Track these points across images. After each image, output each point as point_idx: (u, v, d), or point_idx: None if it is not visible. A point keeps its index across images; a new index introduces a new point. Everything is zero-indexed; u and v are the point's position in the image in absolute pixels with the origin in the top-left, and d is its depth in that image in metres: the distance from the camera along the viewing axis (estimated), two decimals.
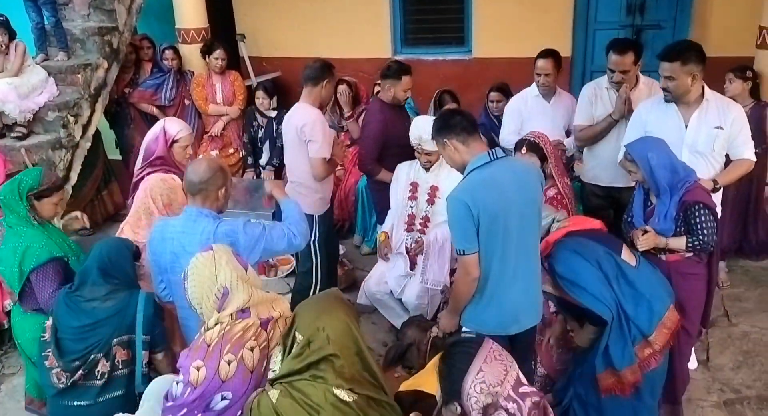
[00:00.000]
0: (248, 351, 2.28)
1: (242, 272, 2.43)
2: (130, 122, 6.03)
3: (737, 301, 4.55)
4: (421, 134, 3.88)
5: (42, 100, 4.99)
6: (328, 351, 2.09)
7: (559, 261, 3.01)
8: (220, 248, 2.49)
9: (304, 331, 2.13)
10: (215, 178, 2.84)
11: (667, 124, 3.53)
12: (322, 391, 2.06)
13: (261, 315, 2.39)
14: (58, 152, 5.00)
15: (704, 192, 3.25)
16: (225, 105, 5.99)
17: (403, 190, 4.20)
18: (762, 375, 3.84)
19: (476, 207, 2.70)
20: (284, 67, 7.03)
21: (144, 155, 3.54)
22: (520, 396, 1.82)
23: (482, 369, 1.85)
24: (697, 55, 3.40)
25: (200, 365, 2.25)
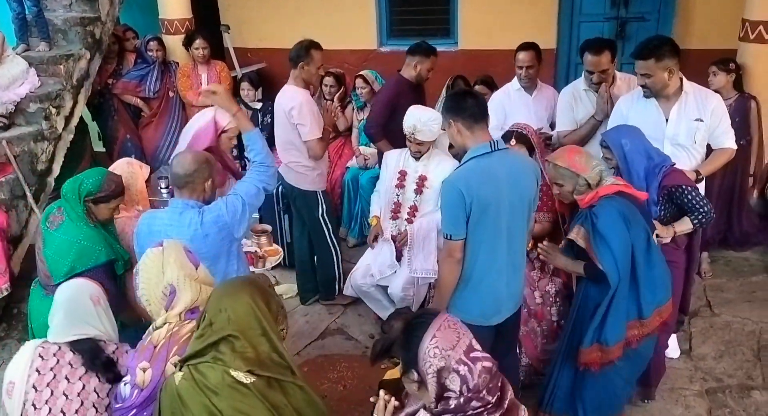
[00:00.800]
0: None
1: (191, 271, 2.40)
2: (113, 114, 5.98)
3: (719, 291, 4.61)
4: (416, 124, 3.89)
5: (23, 92, 4.92)
6: (227, 331, 2.02)
7: (601, 215, 2.97)
8: (171, 244, 2.46)
9: (209, 312, 2.08)
10: (201, 170, 2.84)
11: (647, 118, 3.54)
12: (220, 373, 2.00)
13: None
14: (40, 144, 4.94)
15: (682, 174, 3.32)
16: None
17: (391, 177, 4.21)
18: (743, 364, 3.90)
19: (470, 196, 2.72)
20: (269, 59, 6.99)
21: (192, 143, 3.49)
22: (471, 359, 1.88)
23: (435, 335, 1.91)
24: (671, 49, 3.41)
25: (146, 366, 2.21)
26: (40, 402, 2.32)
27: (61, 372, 2.36)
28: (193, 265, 2.43)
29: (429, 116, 3.91)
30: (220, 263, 2.88)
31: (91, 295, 2.55)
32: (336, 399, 3.72)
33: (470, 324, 2.93)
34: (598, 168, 3.04)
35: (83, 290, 2.56)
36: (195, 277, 2.39)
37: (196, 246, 2.76)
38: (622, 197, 3.00)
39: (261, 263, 3.64)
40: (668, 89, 3.49)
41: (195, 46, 5.81)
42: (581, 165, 3.03)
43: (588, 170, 3.02)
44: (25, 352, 2.40)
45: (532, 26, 6.23)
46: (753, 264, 4.98)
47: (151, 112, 5.97)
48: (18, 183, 4.76)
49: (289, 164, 4.33)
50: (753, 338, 4.13)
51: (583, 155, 3.08)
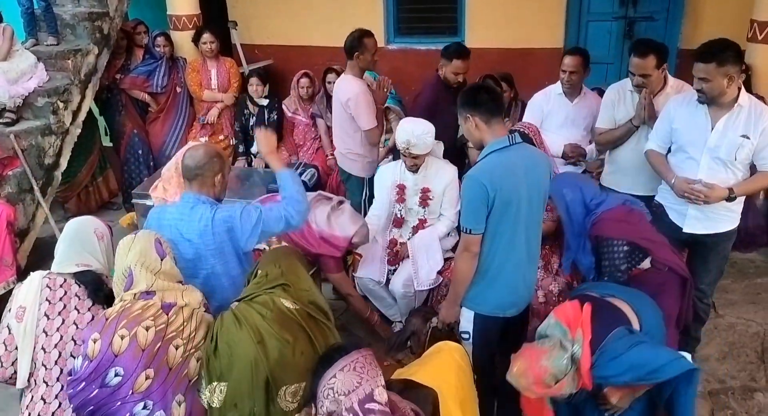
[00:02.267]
0: (143, 329, 2.31)
1: (150, 262, 2.48)
2: (121, 109, 5.99)
3: (724, 293, 4.59)
4: (409, 138, 3.86)
5: (31, 86, 4.96)
6: (280, 281, 2.52)
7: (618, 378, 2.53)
8: (145, 234, 2.60)
9: (264, 267, 2.59)
10: (212, 164, 2.86)
11: (693, 124, 3.36)
12: (270, 300, 2.47)
13: (165, 300, 2.43)
14: (47, 138, 4.97)
15: (612, 223, 3.15)
16: (220, 92, 5.96)
17: (389, 192, 4.17)
18: (747, 366, 3.89)
19: (493, 189, 2.75)
20: (276, 56, 6.99)
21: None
22: (363, 410, 1.79)
23: (336, 376, 1.85)
24: (735, 55, 3.18)
25: (97, 338, 2.31)
26: (51, 330, 2.52)
27: (71, 302, 2.57)
28: (159, 257, 2.52)
29: (422, 129, 3.87)
30: (229, 263, 2.88)
31: (95, 229, 2.77)
32: None
33: (485, 316, 2.99)
34: (566, 359, 2.50)
35: (89, 224, 2.81)
36: (153, 269, 2.48)
37: (204, 241, 2.81)
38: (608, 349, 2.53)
39: None
40: (724, 98, 3.25)
41: (203, 40, 5.82)
42: (553, 385, 2.50)
43: (559, 387, 2.50)
44: (33, 280, 2.59)
45: (539, 25, 6.22)
46: (758, 266, 4.95)
47: (158, 107, 5.98)
48: (25, 177, 4.80)
49: (343, 151, 4.61)
50: (757, 340, 4.12)
51: (547, 371, 2.49)
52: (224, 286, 2.88)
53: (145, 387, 2.28)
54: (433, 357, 2.78)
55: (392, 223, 4.24)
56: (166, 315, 2.40)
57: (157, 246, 2.53)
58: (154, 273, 2.47)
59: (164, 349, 2.34)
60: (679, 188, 3.37)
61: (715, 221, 3.46)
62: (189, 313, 2.46)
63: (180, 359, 2.38)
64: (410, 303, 4.12)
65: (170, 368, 2.35)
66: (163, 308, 2.40)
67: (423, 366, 2.66)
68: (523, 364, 2.52)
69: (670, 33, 6.06)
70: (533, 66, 6.07)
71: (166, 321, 2.38)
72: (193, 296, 2.53)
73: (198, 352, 2.44)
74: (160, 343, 2.34)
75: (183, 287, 2.53)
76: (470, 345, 3.08)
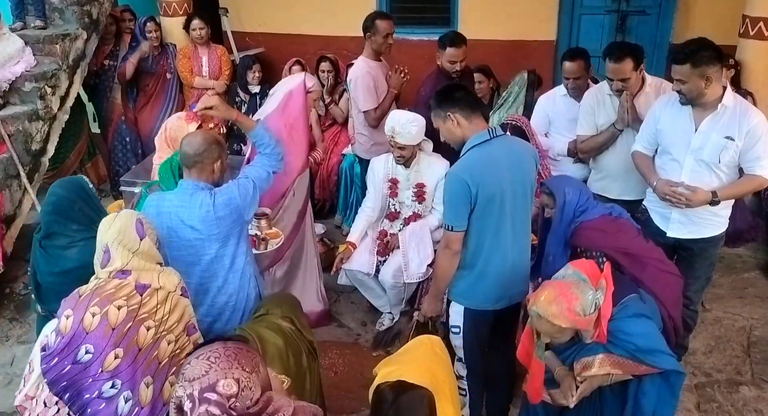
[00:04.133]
0: (114, 308, 2.30)
1: (128, 241, 2.45)
2: (108, 95, 5.92)
3: (711, 287, 4.59)
4: (395, 126, 3.85)
5: (18, 70, 4.88)
6: (279, 316, 2.80)
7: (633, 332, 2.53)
8: (127, 213, 2.59)
9: (265, 307, 2.85)
10: (210, 150, 2.85)
11: (676, 126, 3.29)
12: (274, 321, 2.75)
13: (141, 280, 2.41)
14: (35, 124, 4.90)
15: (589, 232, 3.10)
16: (211, 79, 5.91)
17: (381, 185, 4.17)
18: (732, 360, 3.92)
19: (475, 186, 2.74)
20: (267, 43, 6.94)
21: (284, 104, 3.81)
22: (200, 398, 1.77)
23: (190, 363, 1.85)
24: (711, 55, 3.07)
25: (69, 314, 2.30)
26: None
27: None
28: (138, 236, 2.48)
29: (407, 118, 3.85)
30: (229, 244, 2.92)
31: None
32: (327, 386, 3.70)
33: (474, 310, 3.00)
34: (595, 302, 2.46)
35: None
36: (131, 248, 2.45)
37: (207, 228, 2.82)
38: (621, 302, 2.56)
39: (263, 246, 3.66)
40: (704, 98, 3.15)
41: (193, 27, 5.77)
42: (586, 319, 2.45)
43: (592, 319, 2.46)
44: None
45: (532, 18, 6.21)
46: (746, 261, 4.99)
47: (147, 93, 5.92)
48: (12, 162, 4.73)
49: (353, 132, 4.79)
50: (743, 334, 4.16)
51: (580, 298, 2.45)
52: (226, 267, 2.95)
53: (114, 366, 2.28)
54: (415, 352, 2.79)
55: (386, 216, 4.23)
56: (140, 295, 2.38)
57: (137, 226, 2.49)
58: (132, 252, 2.44)
59: (135, 329, 2.33)
60: (661, 191, 3.30)
61: (700, 225, 3.39)
62: (164, 296, 2.44)
63: (150, 340, 2.37)
64: (399, 294, 4.13)
65: (140, 348, 2.34)
66: (137, 289, 2.39)
67: (409, 363, 2.66)
68: (552, 292, 2.46)
69: (662, 27, 6.08)
70: (526, 58, 6.06)
71: (139, 302, 2.37)
72: (170, 279, 2.50)
73: (170, 335, 2.43)
74: (131, 323, 2.32)
75: (161, 269, 2.51)
76: (460, 339, 3.09)
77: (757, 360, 3.91)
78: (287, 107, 3.82)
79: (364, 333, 4.30)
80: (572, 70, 4.11)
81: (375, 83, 4.47)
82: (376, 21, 4.43)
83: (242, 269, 2.99)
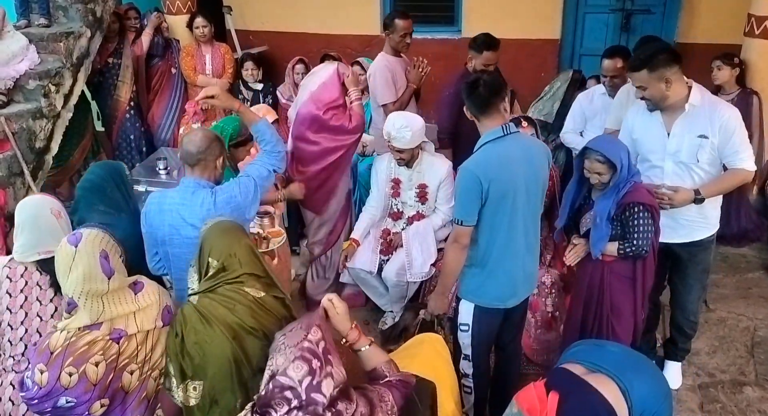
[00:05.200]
0: (92, 366, 2.17)
1: (96, 287, 2.20)
2: (113, 93, 5.93)
3: (715, 287, 4.61)
4: (390, 131, 3.84)
5: (22, 68, 4.88)
6: (240, 272, 2.29)
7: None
8: (88, 246, 2.24)
9: (217, 257, 2.31)
10: (213, 148, 2.86)
11: (650, 132, 3.29)
12: (235, 291, 2.26)
13: (115, 326, 2.24)
14: (38, 122, 4.90)
15: (645, 193, 3.06)
16: (214, 77, 5.92)
17: (384, 184, 4.17)
18: (736, 360, 3.91)
19: (487, 181, 2.74)
20: (271, 41, 6.94)
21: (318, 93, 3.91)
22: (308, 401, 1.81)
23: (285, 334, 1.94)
24: (666, 58, 3.08)
25: (43, 369, 2.17)
26: (16, 323, 2.48)
27: (32, 293, 2.51)
28: (106, 276, 2.23)
29: (402, 122, 3.83)
30: None
31: (51, 209, 2.65)
32: None
33: (485, 308, 2.99)
34: None
35: (44, 205, 2.66)
36: (102, 292, 2.21)
37: None
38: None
39: (264, 244, 3.65)
40: (669, 101, 3.15)
41: (196, 25, 5.78)
42: None
43: None
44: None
45: (536, 16, 6.21)
46: (750, 261, 4.98)
47: (153, 89, 5.93)
48: (16, 160, 4.73)
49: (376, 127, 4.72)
50: (747, 334, 4.14)
51: None
52: None
53: (101, 412, 2.22)
54: (417, 348, 2.80)
55: (389, 215, 4.23)
56: (117, 344, 2.23)
57: (102, 263, 2.22)
58: (101, 298, 2.21)
59: (118, 378, 2.23)
60: None
61: (690, 228, 3.33)
62: (143, 337, 2.29)
63: (137, 383, 2.28)
64: (401, 292, 4.12)
65: (127, 392, 2.27)
66: (113, 339, 2.22)
67: (412, 358, 2.67)
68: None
69: (667, 26, 6.07)
70: (530, 57, 6.07)
71: (117, 352, 2.22)
72: (147, 316, 2.31)
73: (155, 372, 2.33)
74: (113, 374, 2.21)
75: (134, 307, 2.29)
76: (469, 336, 3.07)
77: (761, 361, 3.90)
78: (320, 96, 3.93)
79: (367, 332, 4.29)
80: (611, 68, 4.13)
81: (394, 77, 4.53)
82: (396, 20, 4.51)
83: None
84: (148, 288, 2.37)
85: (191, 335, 2.19)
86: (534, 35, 6.31)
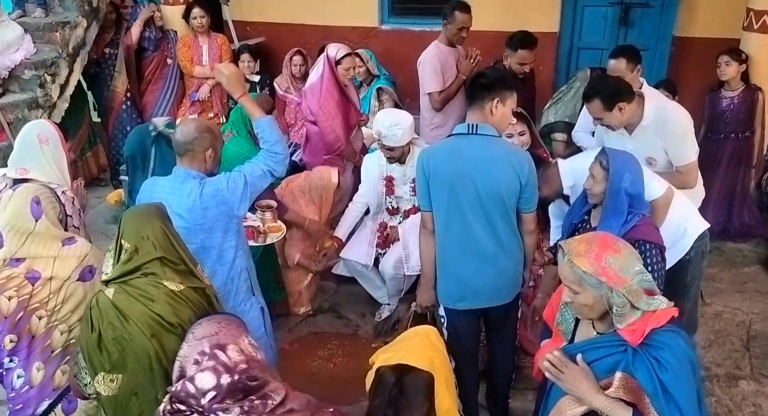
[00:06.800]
0: (5, 299, 2.39)
1: (22, 223, 2.45)
2: (109, 84, 5.89)
3: (711, 281, 4.61)
4: (380, 129, 3.81)
5: (18, 58, 4.86)
6: (155, 255, 2.24)
7: (670, 364, 1.89)
8: (23, 191, 2.53)
9: (129, 240, 2.26)
10: (202, 139, 2.82)
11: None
12: (153, 284, 2.22)
13: (34, 268, 2.43)
14: (34, 112, 4.88)
15: (653, 229, 2.77)
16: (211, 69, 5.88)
17: (375, 182, 4.10)
18: (732, 354, 3.92)
19: (428, 169, 2.84)
20: (268, 33, 6.89)
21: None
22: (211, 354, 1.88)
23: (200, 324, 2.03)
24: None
25: None
26: None
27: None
28: (34, 217, 2.47)
29: (392, 120, 3.79)
30: (215, 236, 2.87)
31: (39, 133, 2.79)
32: (326, 377, 3.73)
33: (446, 308, 3.02)
34: (640, 276, 1.94)
35: (33, 128, 2.84)
36: (27, 230, 2.45)
37: (193, 217, 2.78)
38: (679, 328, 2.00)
39: (261, 239, 3.63)
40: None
41: (193, 15, 5.74)
42: (616, 273, 1.91)
43: (627, 281, 1.90)
44: None
45: (535, 9, 6.16)
46: (746, 255, 4.98)
47: (146, 79, 5.90)
48: (11, 150, 4.70)
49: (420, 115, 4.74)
50: (743, 328, 4.15)
51: (620, 252, 1.95)
52: (213, 259, 2.89)
53: (11, 347, 2.43)
54: (411, 340, 2.81)
55: (386, 209, 4.20)
56: (31, 285, 2.42)
57: (33, 207, 2.48)
58: (25, 235, 2.45)
59: (26, 319, 2.41)
60: None
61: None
62: (57, 286, 2.46)
63: (43, 329, 2.45)
64: (399, 285, 4.12)
65: (33, 336, 2.44)
66: (29, 279, 2.42)
67: (407, 349, 2.67)
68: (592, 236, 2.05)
69: (665, 20, 6.04)
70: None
71: (30, 292, 2.42)
72: (66, 264, 2.49)
73: (62, 325, 2.48)
74: (23, 313, 2.41)
75: (57, 254, 2.49)
76: (445, 330, 3.11)
77: (757, 355, 3.91)
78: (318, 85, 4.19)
79: (363, 325, 4.30)
80: (615, 68, 3.85)
81: (443, 67, 4.55)
82: (456, 11, 4.50)
83: (231, 263, 2.93)
84: (78, 245, 2.54)
85: (109, 331, 2.18)
86: (532, 28, 6.17)
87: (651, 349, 1.89)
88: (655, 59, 6.01)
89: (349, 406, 3.49)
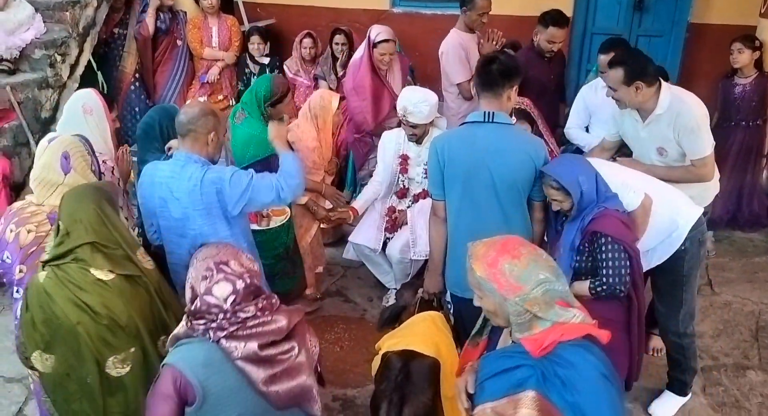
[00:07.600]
0: (25, 231, 2.58)
1: (51, 177, 2.62)
2: (118, 64, 5.88)
3: (721, 271, 4.60)
4: (406, 106, 3.78)
5: (28, 37, 4.85)
6: (85, 239, 2.29)
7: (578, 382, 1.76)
8: (55, 146, 2.67)
9: (64, 222, 2.33)
10: (205, 121, 2.79)
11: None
12: (82, 272, 2.28)
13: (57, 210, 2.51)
14: (44, 92, 4.88)
15: (615, 222, 2.68)
16: (221, 50, 5.86)
17: (391, 160, 4.10)
18: (740, 344, 3.90)
19: (443, 156, 2.81)
20: (279, 15, 6.84)
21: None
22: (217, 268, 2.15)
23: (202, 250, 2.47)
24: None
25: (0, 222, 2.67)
26: None
27: None
28: (63, 172, 2.62)
29: (419, 97, 3.78)
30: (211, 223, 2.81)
31: (84, 104, 2.97)
32: (332, 360, 3.74)
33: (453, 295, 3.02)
34: (546, 286, 1.81)
35: (78, 98, 3.03)
36: (56, 183, 2.62)
37: (192, 202, 2.76)
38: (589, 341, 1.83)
39: (265, 222, 3.62)
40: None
41: None
42: (508, 280, 1.82)
43: (521, 289, 1.80)
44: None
45: None
46: (757, 245, 4.96)
47: (156, 60, 5.88)
48: (21, 130, 4.73)
49: (443, 101, 4.65)
50: (752, 318, 4.13)
51: (520, 259, 1.83)
52: None
53: (19, 277, 2.59)
54: (417, 326, 2.81)
55: (395, 193, 4.19)
56: (50, 225, 2.57)
57: (62, 162, 2.62)
58: (54, 187, 2.61)
59: (38, 254, 2.53)
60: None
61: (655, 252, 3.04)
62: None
63: None
64: (406, 270, 4.11)
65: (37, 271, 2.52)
66: (50, 219, 2.58)
67: (413, 335, 2.67)
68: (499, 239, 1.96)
69: (681, 6, 5.94)
70: None
71: (47, 231, 2.57)
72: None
73: None
74: (36, 248, 2.56)
75: None
76: (452, 316, 3.10)
77: (765, 345, 3.89)
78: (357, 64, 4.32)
79: (371, 309, 4.31)
80: (605, 63, 3.60)
81: (467, 55, 4.51)
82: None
83: None
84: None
85: (39, 313, 2.27)
86: None
87: (556, 367, 1.77)
88: (669, 46, 5.92)
89: (355, 389, 3.51)
